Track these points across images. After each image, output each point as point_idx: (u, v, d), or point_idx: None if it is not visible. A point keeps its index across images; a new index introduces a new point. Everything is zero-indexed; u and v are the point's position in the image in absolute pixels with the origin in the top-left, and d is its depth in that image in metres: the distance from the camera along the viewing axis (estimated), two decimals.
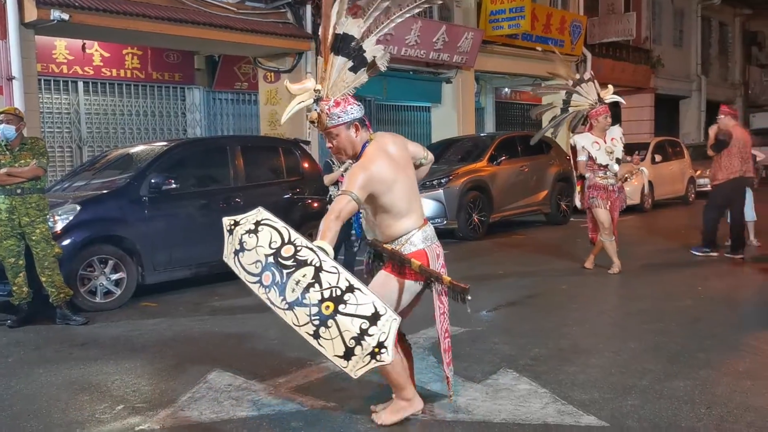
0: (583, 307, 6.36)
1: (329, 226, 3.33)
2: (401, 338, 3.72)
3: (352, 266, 7.63)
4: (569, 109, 8.05)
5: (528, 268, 8.45)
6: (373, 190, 3.41)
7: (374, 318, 3.10)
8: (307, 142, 10.53)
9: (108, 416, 3.96)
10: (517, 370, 4.45)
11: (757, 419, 3.62)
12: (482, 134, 15.44)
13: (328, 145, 3.59)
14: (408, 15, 3.64)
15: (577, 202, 8.20)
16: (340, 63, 3.46)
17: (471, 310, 3.94)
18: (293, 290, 3.18)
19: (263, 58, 12.57)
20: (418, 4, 3.63)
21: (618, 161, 7.77)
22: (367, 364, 3.10)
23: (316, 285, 3.16)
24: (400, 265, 3.51)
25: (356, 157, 3.54)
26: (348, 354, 3.10)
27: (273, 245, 3.29)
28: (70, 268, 6.54)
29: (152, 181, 7.28)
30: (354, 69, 3.49)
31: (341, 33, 3.43)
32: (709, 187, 17.31)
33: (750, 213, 9.39)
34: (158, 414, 3.94)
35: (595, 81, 7.93)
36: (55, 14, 8.98)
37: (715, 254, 8.90)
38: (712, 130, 8.86)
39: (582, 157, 7.81)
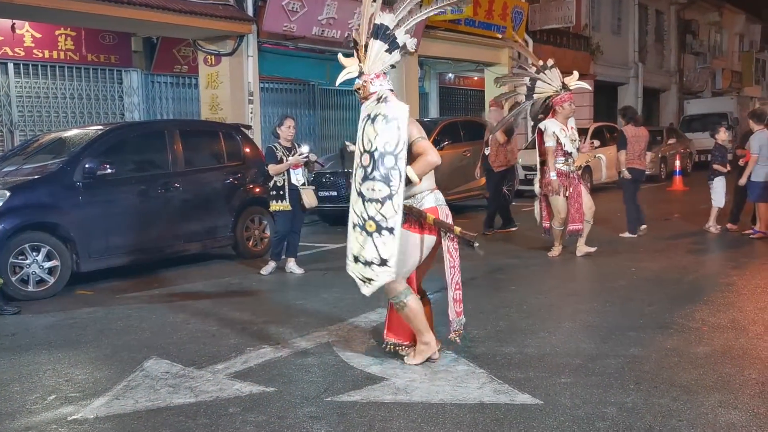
0: (522, 289, 6.50)
1: (430, 154, 4.01)
2: (423, 294, 4.50)
3: (296, 250, 7.60)
4: (533, 96, 7.91)
5: (469, 251, 8.54)
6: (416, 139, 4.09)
7: (383, 263, 3.93)
8: (249, 127, 10.39)
9: (39, 406, 3.86)
10: (456, 352, 4.53)
11: (682, 394, 3.77)
12: (426, 119, 15.50)
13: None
14: (426, 16, 4.44)
15: (536, 188, 8.05)
16: (378, 46, 4.21)
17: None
18: (370, 189, 3.93)
19: (203, 40, 12.28)
20: (439, 6, 4.50)
21: (577, 150, 7.84)
22: (356, 278, 4.08)
23: (378, 204, 3.91)
24: (417, 218, 4.15)
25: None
26: (355, 260, 4.04)
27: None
28: None
29: (86, 166, 7.08)
30: (389, 51, 4.24)
31: (379, 23, 4.18)
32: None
33: (719, 199, 9.64)
34: (92, 403, 3.86)
35: (557, 68, 7.85)
36: None
37: (513, 228, 10.14)
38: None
39: (550, 143, 7.69)
